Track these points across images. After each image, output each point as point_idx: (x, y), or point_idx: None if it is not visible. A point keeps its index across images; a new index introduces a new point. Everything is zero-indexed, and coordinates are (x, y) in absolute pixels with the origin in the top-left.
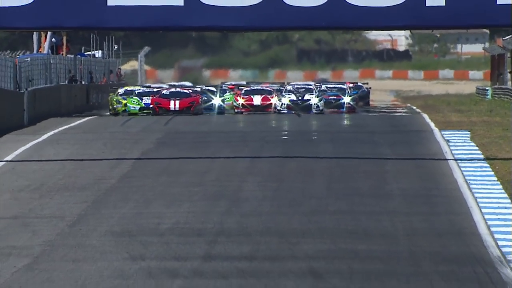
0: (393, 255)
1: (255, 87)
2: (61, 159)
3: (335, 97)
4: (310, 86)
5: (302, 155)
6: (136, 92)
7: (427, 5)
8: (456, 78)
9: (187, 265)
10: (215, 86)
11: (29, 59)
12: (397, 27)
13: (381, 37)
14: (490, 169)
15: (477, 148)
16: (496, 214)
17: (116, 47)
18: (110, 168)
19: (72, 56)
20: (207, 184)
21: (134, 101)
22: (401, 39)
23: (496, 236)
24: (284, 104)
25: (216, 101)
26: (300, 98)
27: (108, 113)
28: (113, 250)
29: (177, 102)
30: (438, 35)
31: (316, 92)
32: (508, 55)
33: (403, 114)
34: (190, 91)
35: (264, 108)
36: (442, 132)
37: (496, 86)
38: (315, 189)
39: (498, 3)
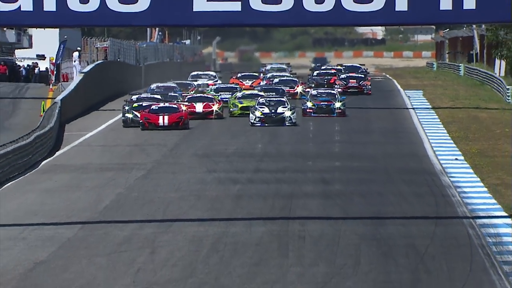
0: (374, 169)
1: (197, 95)
2: None
3: (326, 103)
4: (282, 99)
5: None
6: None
7: (396, 10)
8: (414, 57)
9: (244, 175)
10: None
11: (145, 45)
12: (376, 24)
13: (366, 30)
14: (435, 115)
15: (427, 101)
16: (439, 142)
17: (199, 38)
18: None
19: (171, 43)
20: (256, 125)
21: None
22: (379, 31)
23: (439, 157)
24: (258, 117)
25: None
26: (273, 111)
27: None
28: (196, 166)
29: (166, 118)
30: (403, 29)
31: (288, 105)
32: (446, 42)
33: (381, 79)
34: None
35: (206, 115)
36: (405, 91)
37: (439, 62)
38: (325, 127)
39: (440, 8)
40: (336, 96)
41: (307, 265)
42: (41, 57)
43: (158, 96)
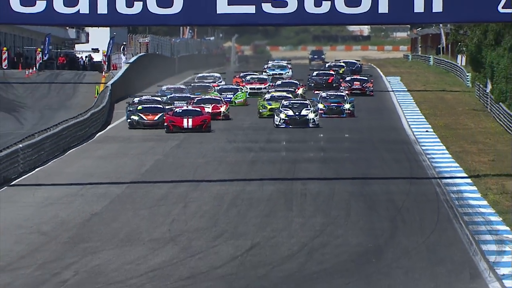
0: (361, 140)
1: (206, 97)
2: None
3: (336, 104)
4: (305, 101)
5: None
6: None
7: (379, 12)
8: (393, 50)
9: (257, 145)
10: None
11: (178, 40)
12: (363, 23)
13: (355, 28)
14: (410, 96)
15: (403, 85)
16: (412, 118)
17: (221, 34)
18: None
19: (199, 39)
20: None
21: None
22: (365, 29)
23: (413, 129)
24: (282, 119)
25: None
26: (297, 113)
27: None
28: (219, 138)
29: (190, 120)
30: (384, 27)
31: (311, 107)
32: (419, 38)
33: (367, 68)
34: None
35: (214, 116)
36: (386, 77)
37: (413, 54)
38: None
39: (414, 11)
40: (345, 98)
41: (307, 216)
42: (96, 50)
43: (158, 98)
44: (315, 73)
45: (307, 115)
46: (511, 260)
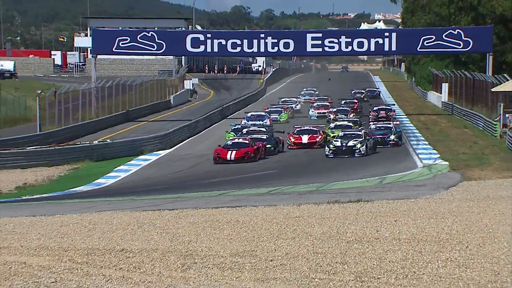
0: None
1: (305, 127)
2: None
3: (381, 136)
4: (359, 133)
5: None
6: (233, 128)
7: (370, 50)
8: (376, 65)
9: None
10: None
11: (291, 62)
12: (365, 54)
13: (361, 56)
14: (383, 84)
15: (380, 80)
16: (383, 92)
17: (308, 59)
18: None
19: (299, 61)
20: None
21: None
22: (365, 57)
23: (383, 96)
24: (331, 149)
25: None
26: (344, 143)
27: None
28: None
29: (233, 153)
30: (373, 56)
31: (361, 138)
32: (386, 60)
33: (366, 73)
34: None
35: (310, 145)
36: (373, 76)
37: (384, 67)
38: (323, 86)
39: (384, 50)
40: (392, 129)
41: None
42: (259, 66)
43: (264, 129)
44: (343, 101)
45: (354, 145)
46: (423, 147)
